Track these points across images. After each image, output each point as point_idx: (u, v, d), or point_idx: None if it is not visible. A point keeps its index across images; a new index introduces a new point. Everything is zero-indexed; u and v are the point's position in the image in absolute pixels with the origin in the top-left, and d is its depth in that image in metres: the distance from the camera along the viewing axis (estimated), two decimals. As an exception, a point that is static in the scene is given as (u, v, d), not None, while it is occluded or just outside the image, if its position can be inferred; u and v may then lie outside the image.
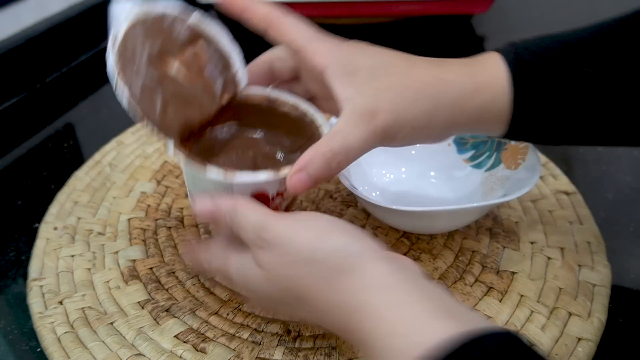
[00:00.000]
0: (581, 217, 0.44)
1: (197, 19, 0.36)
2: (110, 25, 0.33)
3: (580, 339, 0.35)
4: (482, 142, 0.45)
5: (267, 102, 0.38)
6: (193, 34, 0.36)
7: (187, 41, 0.36)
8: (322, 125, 0.36)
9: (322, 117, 0.36)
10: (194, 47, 0.36)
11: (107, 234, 0.44)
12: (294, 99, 0.38)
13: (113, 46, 0.32)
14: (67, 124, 0.60)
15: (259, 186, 0.33)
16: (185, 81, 0.35)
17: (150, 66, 0.33)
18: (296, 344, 0.35)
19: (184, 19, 0.36)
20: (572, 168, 0.51)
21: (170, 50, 0.35)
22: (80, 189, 0.48)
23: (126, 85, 0.32)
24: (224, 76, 0.37)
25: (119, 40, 0.32)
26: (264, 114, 0.38)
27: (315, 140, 0.35)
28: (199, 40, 0.36)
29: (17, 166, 0.54)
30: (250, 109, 0.38)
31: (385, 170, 0.47)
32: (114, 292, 0.39)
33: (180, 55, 0.35)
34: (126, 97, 0.32)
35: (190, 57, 0.35)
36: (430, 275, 0.39)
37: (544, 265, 0.40)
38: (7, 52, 0.61)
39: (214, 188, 0.33)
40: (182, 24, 0.36)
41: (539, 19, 0.82)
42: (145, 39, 0.34)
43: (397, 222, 0.41)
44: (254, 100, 0.38)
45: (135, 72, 0.33)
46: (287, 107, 0.38)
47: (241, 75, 0.37)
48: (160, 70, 0.34)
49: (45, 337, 0.36)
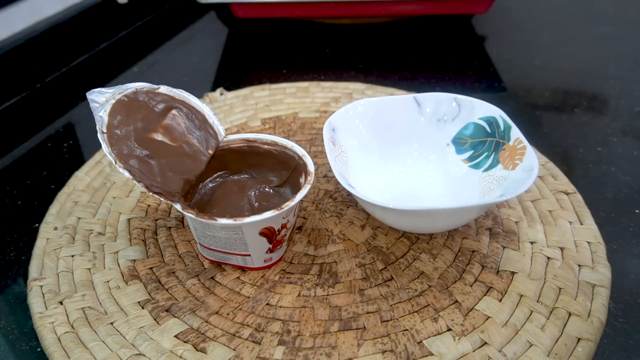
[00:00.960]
0: (581, 217, 0.44)
1: (165, 89, 0.40)
2: (93, 112, 0.36)
3: (580, 339, 0.35)
4: (481, 142, 0.45)
5: (247, 144, 0.42)
6: (167, 102, 0.39)
7: (164, 109, 0.39)
8: (304, 156, 0.40)
9: (301, 149, 0.40)
10: (170, 112, 0.39)
11: (107, 234, 0.44)
12: (271, 137, 0.42)
13: (101, 131, 0.36)
14: (67, 124, 0.60)
15: (266, 223, 0.36)
16: (173, 145, 0.39)
17: (139, 141, 0.37)
18: (296, 344, 0.35)
19: (154, 90, 0.39)
20: (572, 168, 0.51)
21: (152, 120, 0.38)
22: (80, 189, 0.48)
23: (125, 169, 0.36)
24: (204, 131, 0.41)
25: (105, 123, 0.36)
26: (247, 157, 0.43)
27: (299, 170, 0.40)
28: (173, 105, 0.40)
29: (17, 166, 0.54)
30: (233, 155, 0.42)
31: (384, 170, 0.47)
32: (114, 292, 0.39)
33: (162, 122, 0.39)
34: (128, 177, 0.36)
35: (170, 122, 0.39)
36: (431, 274, 0.39)
37: (543, 265, 0.40)
38: (7, 52, 0.61)
39: (224, 233, 0.36)
40: (154, 95, 0.39)
41: (539, 19, 0.82)
42: (127, 116, 0.37)
43: (397, 222, 0.41)
44: (235, 146, 0.42)
45: (128, 150, 0.36)
46: (267, 146, 0.42)
47: (218, 126, 0.41)
48: (149, 142, 0.37)
49: (45, 337, 0.36)
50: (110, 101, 0.37)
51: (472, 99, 0.46)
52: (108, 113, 0.36)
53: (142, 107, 0.38)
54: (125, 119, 0.37)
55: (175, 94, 0.40)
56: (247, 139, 0.42)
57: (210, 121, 0.41)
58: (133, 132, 0.37)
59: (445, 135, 0.47)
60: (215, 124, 0.41)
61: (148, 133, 0.38)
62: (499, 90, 0.65)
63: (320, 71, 0.68)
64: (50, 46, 0.67)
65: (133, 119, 0.37)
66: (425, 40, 0.76)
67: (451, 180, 0.46)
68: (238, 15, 0.75)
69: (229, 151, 0.42)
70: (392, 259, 0.41)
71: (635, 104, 0.61)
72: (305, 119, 0.57)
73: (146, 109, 0.38)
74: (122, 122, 0.37)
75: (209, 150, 0.40)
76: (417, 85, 0.64)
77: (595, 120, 0.59)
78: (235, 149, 0.42)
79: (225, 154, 0.42)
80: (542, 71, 0.68)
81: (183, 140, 0.39)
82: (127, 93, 0.38)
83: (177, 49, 0.76)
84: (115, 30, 0.78)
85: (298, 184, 0.40)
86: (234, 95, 0.61)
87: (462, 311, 0.37)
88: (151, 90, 0.39)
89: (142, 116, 0.38)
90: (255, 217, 0.35)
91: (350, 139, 0.46)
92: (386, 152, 0.48)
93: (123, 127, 0.37)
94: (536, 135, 0.55)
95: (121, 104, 0.37)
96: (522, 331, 0.35)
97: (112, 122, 0.36)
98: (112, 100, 0.37)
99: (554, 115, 0.60)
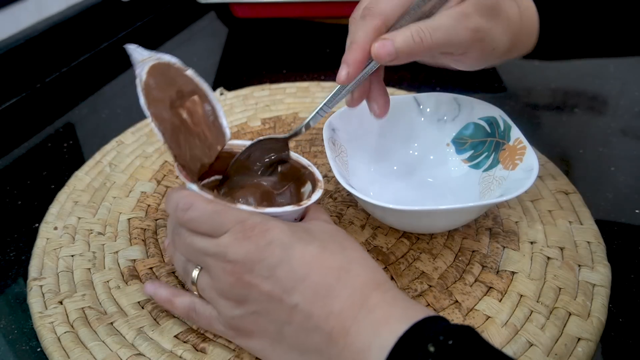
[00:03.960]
0: (581, 217, 0.44)
1: (191, 72, 0.39)
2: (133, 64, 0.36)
3: (580, 339, 0.35)
4: (481, 142, 0.45)
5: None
6: (191, 85, 0.39)
7: (189, 92, 0.38)
8: (310, 166, 0.39)
9: (306, 160, 0.39)
10: (193, 97, 0.39)
11: (107, 234, 0.44)
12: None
13: (140, 85, 0.35)
14: (67, 124, 0.60)
15: (282, 215, 0.34)
16: (193, 128, 0.38)
17: (171, 110, 0.36)
18: (296, 344, 0.35)
19: (184, 70, 0.39)
20: (572, 168, 0.51)
21: (180, 97, 0.37)
22: (80, 189, 0.48)
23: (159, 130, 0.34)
24: (216, 127, 0.39)
25: (143, 80, 0.35)
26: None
27: (303, 180, 0.39)
28: (196, 91, 0.39)
29: (17, 166, 0.54)
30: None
31: (384, 170, 0.47)
32: (114, 292, 0.39)
33: (186, 104, 0.38)
34: (160, 138, 0.34)
35: (192, 106, 0.38)
36: (431, 274, 0.39)
37: (543, 265, 0.40)
38: (7, 52, 0.61)
39: None
40: (183, 75, 0.39)
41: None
42: (162, 83, 0.36)
43: (397, 222, 0.41)
44: (238, 151, 0.40)
45: (162, 113, 0.35)
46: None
47: (225, 127, 0.40)
48: (178, 116, 0.37)
49: (45, 337, 0.36)
50: (148, 62, 0.36)
51: (472, 99, 0.46)
52: (146, 72, 0.35)
53: (173, 81, 0.37)
54: (160, 85, 0.36)
55: (199, 81, 0.39)
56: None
57: (220, 120, 0.40)
58: (167, 100, 0.36)
59: (445, 135, 0.47)
60: (224, 125, 0.40)
61: (177, 108, 0.37)
62: (499, 90, 0.65)
63: (321, 71, 0.68)
64: (50, 46, 0.67)
65: (167, 88, 0.37)
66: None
67: (451, 180, 0.46)
68: (238, 15, 0.75)
69: (231, 155, 0.40)
70: (392, 259, 0.41)
71: (635, 104, 0.61)
72: (305, 119, 0.57)
73: (176, 85, 0.37)
74: (158, 86, 0.36)
75: (218, 146, 0.39)
76: (417, 85, 0.64)
77: (595, 120, 0.58)
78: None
79: (227, 157, 0.40)
80: (542, 71, 0.68)
81: (200, 128, 0.38)
82: (162, 62, 0.37)
83: (177, 49, 0.76)
84: (116, 30, 0.78)
85: (300, 194, 0.39)
86: (234, 95, 0.61)
87: (462, 311, 0.37)
88: (181, 68, 0.39)
89: (173, 89, 0.37)
90: (275, 209, 0.33)
91: (350, 139, 0.46)
92: (386, 152, 0.48)
93: (158, 91, 0.36)
94: (536, 135, 0.55)
95: (158, 69, 0.37)
96: (522, 331, 0.35)
97: (149, 81, 0.35)
98: (150, 62, 0.36)
99: (554, 115, 0.59)
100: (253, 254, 0.30)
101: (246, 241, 0.30)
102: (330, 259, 0.30)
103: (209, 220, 0.31)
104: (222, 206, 0.32)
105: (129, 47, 0.37)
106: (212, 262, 0.31)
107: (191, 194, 0.32)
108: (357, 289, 0.29)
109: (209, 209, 0.31)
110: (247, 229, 0.30)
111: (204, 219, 0.31)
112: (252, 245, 0.30)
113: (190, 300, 0.34)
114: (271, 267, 0.30)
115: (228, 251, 0.30)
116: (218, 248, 0.31)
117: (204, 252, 0.32)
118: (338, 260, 0.30)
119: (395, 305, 0.29)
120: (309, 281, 0.29)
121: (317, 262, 0.30)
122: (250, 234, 0.30)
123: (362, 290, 0.29)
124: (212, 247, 0.31)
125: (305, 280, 0.29)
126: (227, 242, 0.30)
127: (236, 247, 0.30)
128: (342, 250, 0.31)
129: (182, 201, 0.32)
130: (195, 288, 0.33)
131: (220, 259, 0.31)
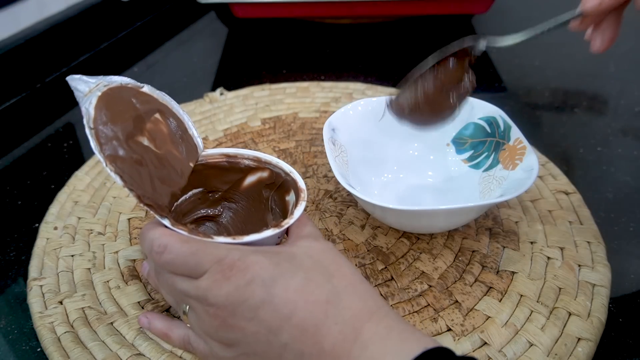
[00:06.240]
0: (581, 217, 0.44)
1: (148, 88, 0.36)
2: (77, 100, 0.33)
3: (580, 339, 0.35)
4: (481, 142, 0.45)
5: (227, 160, 0.38)
6: (150, 103, 0.36)
7: (148, 111, 0.35)
8: (291, 172, 0.37)
9: (288, 165, 0.37)
10: (154, 115, 0.36)
11: (107, 234, 0.44)
12: (254, 152, 0.38)
13: (88, 126, 0.32)
14: (67, 124, 0.60)
15: (264, 242, 0.32)
16: (158, 152, 0.35)
17: (128, 143, 0.33)
18: (296, 344, 0.35)
19: (140, 87, 0.36)
20: (572, 168, 0.51)
21: (138, 122, 0.35)
22: (80, 189, 0.48)
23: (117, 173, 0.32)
24: (185, 141, 0.37)
25: (91, 117, 0.32)
26: (226, 173, 0.39)
27: (286, 187, 0.37)
28: (157, 108, 0.36)
29: (17, 166, 0.54)
30: (211, 171, 0.38)
31: (384, 170, 0.47)
32: (114, 292, 0.39)
33: (147, 126, 0.35)
34: (120, 183, 0.32)
35: (155, 127, 0.35)
36: (431, 275, 0.39)
37: (543, 265, 0.40)
38: (7, 52, 0.61)
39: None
40: (140, 93, 0.36)
41: (539, 19, 0.82)
42: (114, 113, 0.33)
43: (397, 222, 0.41)
44: (213, 161, 0.38)
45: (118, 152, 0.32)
46: (249, 161, 0.38)
47: (197, 138, 0.38)
48: (137, 145, 0.34)
49: (45, 337, 0.36)
50: (95, 92, 0.33)
51: (472, 99, 0.46)
52: (94, 106, 0.32)
53: (128, 106, 0.34)
54: (113, 116, 0.33)
55: (159, 96, 0.37)
56: (227, 154, 0.38)
57: (190, 132, 0.37)
58: (121, 133, 0.33)
59: (445, 135, 0.47)
60: (195, 136, 0.38)
61: (135, 136, 0.34)
62: (499, 90, 0.65)
63: (321, 71, 0.68)
64: (50, 46, 0.67)
65: (120, 118, 0.33)
66: (426, 40, 0.76)
67: (451, 180, 0.46)
68: (238, 15, 0.75)
69: (207, 166, 0.38)
70: (392, 259, 0.41)
71: (635, 104, 0.61)
72: (305, 119, 0.57)
73: (132, 109, 0.34)
74: (110, 119, 0.33)
75: (191, 162, 0.37)
76: (417, 85, 0.64)
77: (595, 120, 0.58)
78: (213, 165, 0.38)
79: (202, 170, 0.38)
80: (542, 71, 0.68)
81: (166, 149, 0.35)
82: (112, 87, 0.34)
83: (177, 49, 0.76)
84: (115, 30, 0.78)
85: (284, 202, 0.37)
86: (234, 95, 0.61)
87: (462, 311, 0.37)
88: (135, 87, 0.36)
89: (129, 116, 0.34)
90: (255, 236, 0.32)
91: (350, 139, 0.46)
92: (386, 152, 0.48)
93: (110, 125, 0.33)
94: (536, 135, 0.55)
95: (107, 98, 0.33)
96: (522, 331, 0.35)
97: (98, 116, 0.32)
98: (97, 92, 0.33)
99: (554, 115, 0.59)
100: (233, 296, 0.28)
101: (226, 282, 0.29)
102: (316, 292, 0.28)
103: (186, 262, 0.30)
104: (198, 244, 0.30)
105: (72, 79, 0.34)
106: (195, 304, 0.30)
107: (165, 233, 0.31)
108: (348, 324, 0.28)
109: (184, 250, 0.30)
110: (225, 269, 0.29)
111: (181, 262, 0.30)
112: (231, 286, 0.28)
113: (185, 333, 0.33)
114: (253, 308, 0.28)
115: (208, 295, 0.29)
116: (198, 291, 0.29)
117: (186, 294, 0.30)
118: (325, 292, 0.29)
119: (390, 338, 0.27)
120: (296, 319, 0.28)
121: (302, 298, 0.28)
122: (229, 274, 0.29)
123: (354, 324, 0.28)
124: (193, 290, 0.30)
125: (291, 318, 0.28)
126: (206, 285, 0.29)
127: (216, 290, 0.29)
128: (329, 280, 0.29)
129: (156, 243, 0.31)
130: (187, 320, 0.32)
131: (202, 302, 0.29)
